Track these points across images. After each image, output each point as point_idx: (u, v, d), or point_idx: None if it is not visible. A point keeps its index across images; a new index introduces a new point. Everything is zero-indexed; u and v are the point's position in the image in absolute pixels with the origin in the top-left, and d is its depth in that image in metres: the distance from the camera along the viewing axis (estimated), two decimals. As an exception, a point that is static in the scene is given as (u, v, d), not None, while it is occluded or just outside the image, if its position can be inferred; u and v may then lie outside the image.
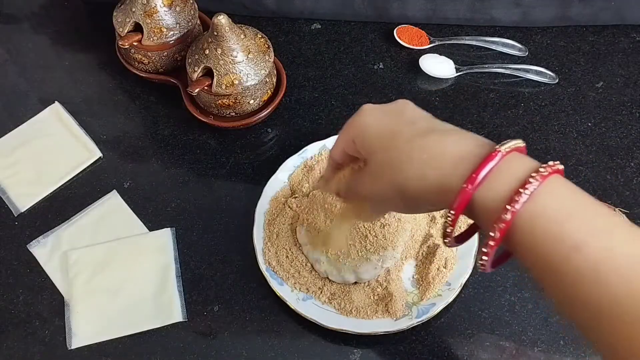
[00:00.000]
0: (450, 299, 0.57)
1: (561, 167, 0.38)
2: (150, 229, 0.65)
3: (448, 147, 0.38)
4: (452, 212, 0.37)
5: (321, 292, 0.59)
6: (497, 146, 0.37)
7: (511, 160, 0.37)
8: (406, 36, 0.77)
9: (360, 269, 0.58)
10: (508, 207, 0.35)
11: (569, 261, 0.34)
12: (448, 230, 0.39)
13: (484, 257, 0.37)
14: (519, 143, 0.38)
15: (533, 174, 0.36)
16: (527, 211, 0.35)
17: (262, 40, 0.68)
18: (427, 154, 0.38)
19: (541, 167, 0.36)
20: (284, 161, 0.66)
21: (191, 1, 0.71)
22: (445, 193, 0.37)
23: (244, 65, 0.65)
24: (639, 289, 0.33)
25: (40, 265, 0.63)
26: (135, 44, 0.69)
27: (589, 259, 0.34)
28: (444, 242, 0.40)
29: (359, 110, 0.44)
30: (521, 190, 0.35)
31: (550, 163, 0.37)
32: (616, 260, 0.34)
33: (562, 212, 0.36)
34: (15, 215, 0.67)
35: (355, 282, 0.59)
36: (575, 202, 0.37)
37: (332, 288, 0.59)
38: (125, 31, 0.69)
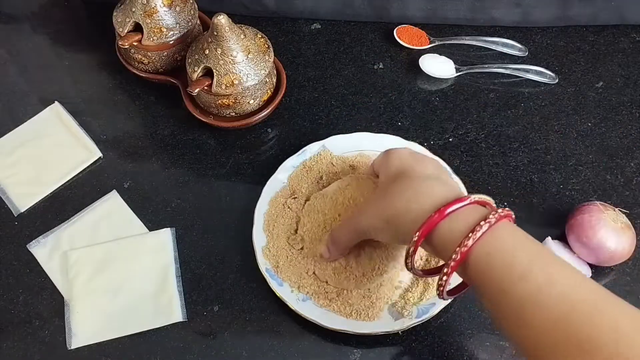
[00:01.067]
0: (450, 299, 0.57)
1: (510, 212, 0.45)
2: (150, 229, 0.65)
3: (435, 190, 0.48)
4: (416, 234, 0.45)
5: (320, 295, 0.59)
6: (472, 196, 0.46)
7: (476, 207, 0.46)
8: (406, 36, 0.77)
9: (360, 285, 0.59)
10: (460, 247, 0.43)
11: (516, 287, 0.41)
12: (440, 284, 0.46)
13: (440, 284, 0.46)
14: (487, 199, 0.47)
15: (485, 220, 0.43)
16: (481, 246, 0.43)
17: (262, 40, 0.68)
18: (417, 193, 0.48)
19: (491, 214, 0.44)
20: (283, 161, 0.66)
21: (191, 1, 0.71)
22: (420, 219, 0.46)
23: (244, 65, 0.65)
24: (573, 309, 0.39)
25: (40, 265, 0.63)
26: (135, 44, 0.69)
27: (532, 285, 0.40)
28: (438, 295, 0.48)
29: (399, 150, 0.55)
30: (474, 231, 0.43)
31: (500, 210, 0.44)
32: (555, 286, 0.40)
33: (510, 245, 0.43)
34: (15, 215, 0.67)
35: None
36: (521, 240, 0.44)
37: (332, 291, 0.59)
38: (125, 31, 0.69)
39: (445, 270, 0.44)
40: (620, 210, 0.59)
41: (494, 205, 0.48)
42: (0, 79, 0.78)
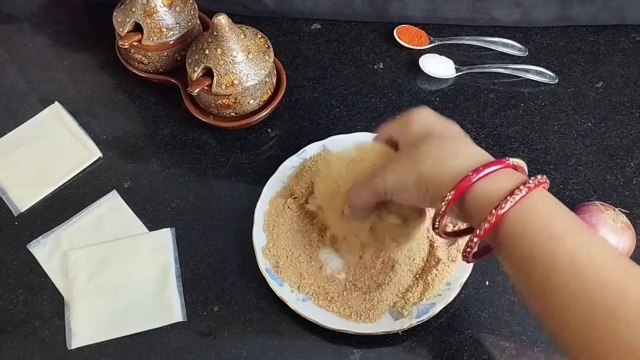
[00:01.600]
0: (450, 299, 0.57)
1: (547, 181, 0.43)
2: (150, 229, 0.65)
3: (469, 151, 0.46)
4: (451, 192, 0.43)
5: (320, 295, 0.59)
6: (509, 159, 0.44)
7: (511, 171, 0.44)
8: (406, 36, 0.77)
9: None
10: (497, 209, 0.41)
11: (548, 250, 0.39)
12: (468, 245, 0.44)
13: (469, 246, 0.43)
14: (522, 164, 0.45)
15: (524, 184, 0.41)
16: (518, 210, 0.41)
17: (262, 40, 0.68)
18: (451, 152, 0.45)
19: (530, 179, 0.42)
20: (283, 161, 0.66)
21: (191, 1, 0.71)
22: (455, 179, 0.43)
23: (244, 65, 0.65)
24: (609, 278, 0.37)
25: (40, 265, 0.63)
26: (135, 44, 0.69)
27: (566, 249, 0.39)
28: (463, 257, 0.45)
29: (420, 109, 0.51)
30: (513, 194, 0.41)
31: (539, 176, 0.42)
32: (590, 253, 0.38)
33: (545, 211, 0.41)
34: (15, 215, 0.67)
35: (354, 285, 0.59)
36: (557, 208, 0.42)
37: (332, 291, 0.59)
38: (125, 31, 0.69)
39: (477, 232, 0.42)
40: (620, 210, 0.59)
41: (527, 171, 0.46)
42: (0, 79, 0.78)
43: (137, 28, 0.69)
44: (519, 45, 0.76)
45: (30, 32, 0.82)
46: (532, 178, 0.42)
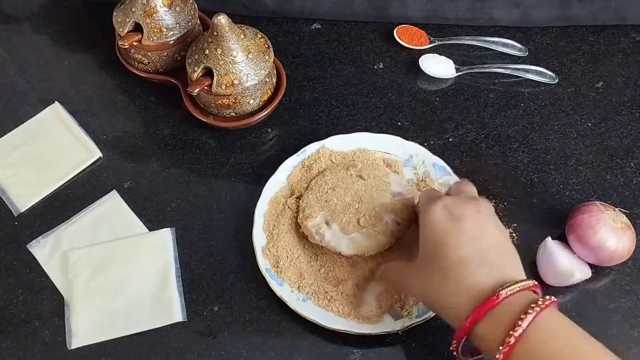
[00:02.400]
0: None
1: (551, 302, 0.44)
2: (150, 229, 0.65)
3: (470, 282, 0.46)
4: (454, 344, 0.46)
5: (320, 295, 0.59)
6: (501, 289, 0.44)
7: (509, 302, 0.44)
8: (406, 36, 0.77)
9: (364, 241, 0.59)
10: (503, 347, 0.42)
11: None
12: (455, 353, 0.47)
13: None
14: (526, 285, 0.45)
15: (525, 313, 0.42)
16: (523, 346, 0.42)
17: (262, 40, 0.68)
18: (455, 286, 0.47)
19: (531, 304, 0.43)
20: (283, 161, 0.66)
21: (191, 1, 0.71)
22: (456, 319, 0.46)
23: (244, 65, 0.65)
24: None
25: (40, 265, 0.63)
26: (135, 44, 0.69)
27: None
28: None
29: (433, 213, 0.50)
30: (513, 331, 0.42)
31: (540, 302, 0.43)
32: None
33: (553, 347, 0.42)
34: (15, 215, 0.67)
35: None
36: (565, 335, 0.43)
37: (331, 290, 0.59)
38: (125, 31, 0.69)
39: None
40: (620, 210, 0.59)
41: (530, 283, 0.46)
42: (0, 79, 0.78)
43: (137, 28, 0.69)
44: (519, 45, 0.76)
45: (30, 32, 0.82)
46: (531, 308, 0.42)
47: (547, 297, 0.44)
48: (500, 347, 0.42)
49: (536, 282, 0.46)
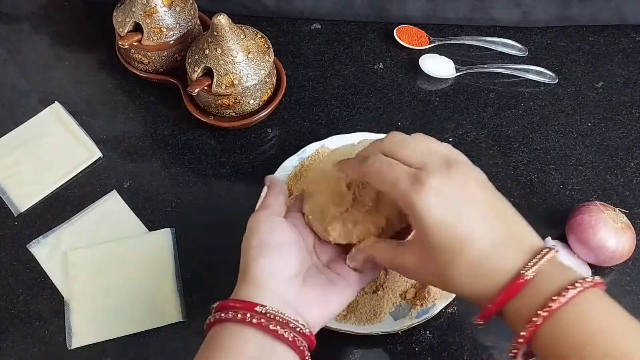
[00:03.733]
0: (450, 299, 0.57)
1: (600, 281, 0.40)
2: (150, 229, 0.65)
3: (492, 262, 0.41)
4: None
5: None
6: (524, 270, 0.40)
7: (538, 280, 0.40)
8: (406, 36, 0.77)
9: None
10: (535, 318, 0.39)
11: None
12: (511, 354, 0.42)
13: (514, 351, 0.41)
14: (547, 259, 0.41)
15: (558, 294, 0.39)
16: (554, 325, 0.38)
17: (262, 40, 0.68)
18: (476, 276, 0.42)
19: (569, 285, 0.39)
20: (283, 161, 0.66)
21: (191, 1, 0.71)
22: (480, 300, 0.43)
23: (244, 65, 0.65)
24: None
25: (40, 265, 0.63)
26: (135, 44, 0.69)
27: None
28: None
29: (424, 182, 0.43)
30: (545, 310, 0.39)
31: (585, 280, 0.39)
32: None
33: (587, 328, 0.38)
34: (15, 215, 0.67)
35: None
36: (607, 319, 0.39)
37: None
38: (125, 31, 0.69)
39: (514, 345, 0.40)
40: (620, 210, 0.59)
41: (549, 247, 0.42)
42: (0, 79, 0.78)
43: (137, 28, 0.69)
44: (519, 45, 0.76)
45: (30, 32, 0.82)
46: (564, 292, 0.39)
47: (589, 278, 0.39)
48: (527, 325, 0.39)
49: (554, 244, 0.43)
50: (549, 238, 0.60)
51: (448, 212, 0.42)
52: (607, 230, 0.57)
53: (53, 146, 0.71)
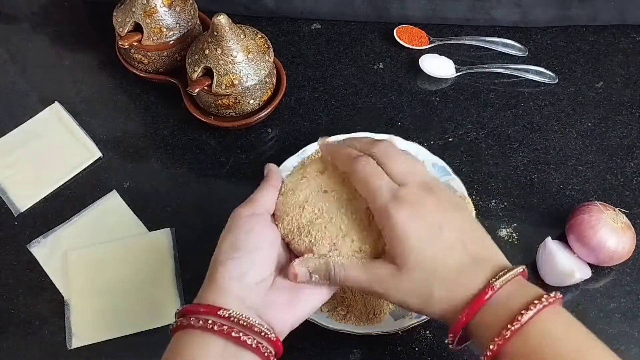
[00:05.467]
0: None
1: (559, 297, 0.42)
2: (150, 229, 0.65)
3: (463, 279, 0.44)
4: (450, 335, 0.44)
5: None
6: (494, 280, 0.42)
7: (506, 296, 0.42)
8: (406, 36, 0.77)
9: None
10: (505, 332, 0.40)
11: None
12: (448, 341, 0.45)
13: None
14: (513, 274, 0.43)
15: (526, 309, 0.41)
16: (519, 342, 0.40)
17: (262, 40, 0.68)
18: (447, 292, 0.44)
19: (534, 300, 0.41)
20: (283, 161, 0.66)
21: (191, 1, 0.71)
22: (450, 315, 0.44)
23: (244, 65, 0.65)
24: None
25: (40, 265, 0.63)
26: (135, 44, 0.69)
27: None
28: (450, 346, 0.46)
29: (403, 199, 0.45)
30: (511, 325, 0.40)
31: (544, 299, 0.41)
32: None
33: (555, 349, 0.40)
34: (15, 215, 0.67)
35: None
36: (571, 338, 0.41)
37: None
38: (125, 31, 0.69)
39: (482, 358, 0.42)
40: (620, 210, 0.59)
41: (520, 269, 0.44)
42: (0, 79, 0.78)
43: (137, 28, 0.69)
44: (518, 45, 0.76)
45: (30, 32, 0.82)
46: (535, 302, 0.41)
47: (553, 293, 0.42)
48: (496, 339, 0.40)
49: (524, 266, 0.45)
50: (549, 238, 0.60)
51: (424, 229, 0.45)
52: (607, 230, 0.57)
53: (53, 146, 0.71)
